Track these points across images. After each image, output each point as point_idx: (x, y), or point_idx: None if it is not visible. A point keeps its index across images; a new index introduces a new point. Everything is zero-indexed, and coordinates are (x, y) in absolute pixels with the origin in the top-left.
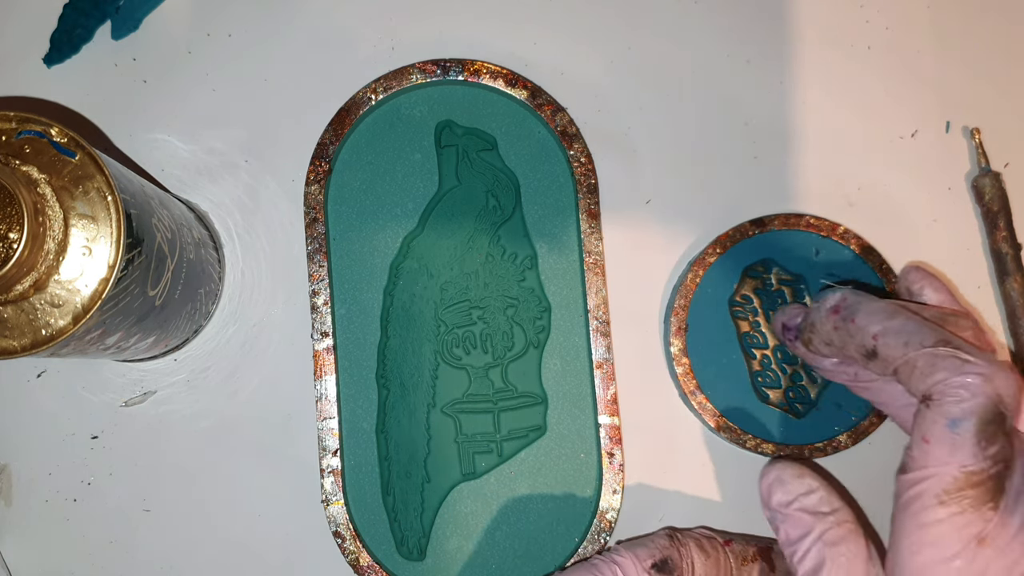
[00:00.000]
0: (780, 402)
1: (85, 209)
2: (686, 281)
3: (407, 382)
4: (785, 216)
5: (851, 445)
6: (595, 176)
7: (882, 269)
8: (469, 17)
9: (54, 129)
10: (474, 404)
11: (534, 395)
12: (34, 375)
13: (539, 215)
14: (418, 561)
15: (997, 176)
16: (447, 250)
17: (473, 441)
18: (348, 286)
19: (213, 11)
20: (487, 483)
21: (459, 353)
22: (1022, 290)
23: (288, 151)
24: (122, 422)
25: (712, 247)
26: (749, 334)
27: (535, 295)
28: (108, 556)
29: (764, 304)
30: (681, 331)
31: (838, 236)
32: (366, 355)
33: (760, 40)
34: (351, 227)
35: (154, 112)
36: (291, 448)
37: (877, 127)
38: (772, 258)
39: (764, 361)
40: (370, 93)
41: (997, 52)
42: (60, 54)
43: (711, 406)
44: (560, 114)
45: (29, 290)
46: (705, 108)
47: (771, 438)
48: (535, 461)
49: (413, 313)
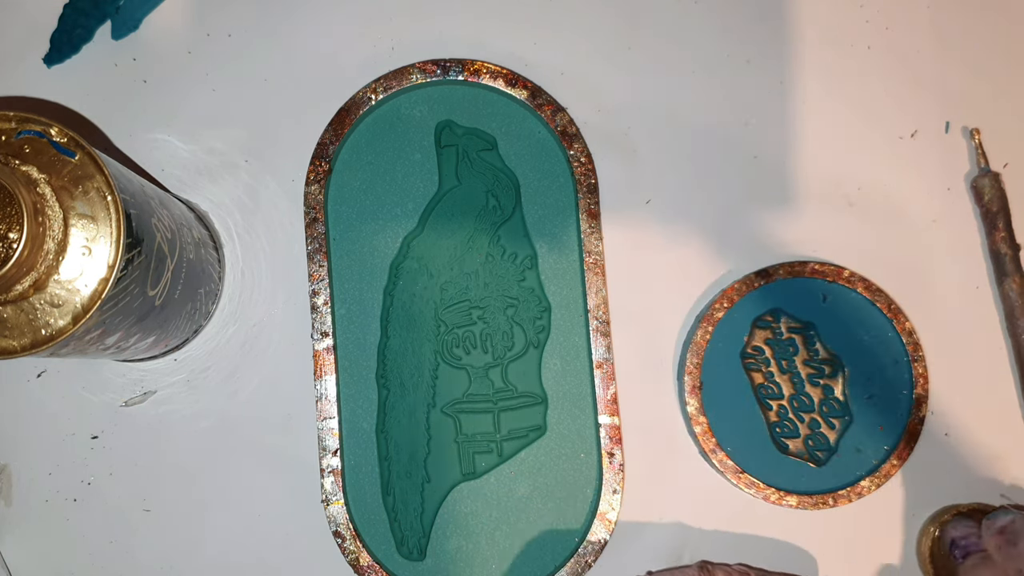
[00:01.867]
0: (800, 451)
1: (85, 209)
2: (696, 338)
3: (407, 382)
4: (789, 264)
5: (875, 489)
6: (595, 176)
7: (891, 309)
8: (469, 17)
9: (54, 129)
10: (474, 404)
11: (534, 395)
12: (34, 375)
13: (539, 215)
14: (418, 561)
15: (996, 176)
16: (447, 250)
17: (473, 441)
18: (348, 286)
19: (213, 11)
20: (487, 483)
21: (459, 353)
22: (1020, 290)
23: (288, 151)
24: (122, 422)
25: (719, 301)
26: (764, 385)
27: (535, 295)
28: (108, 556)
29: (776, 354)
30: (696, 390)
31: (844, 280)
32: (366, 355)
33: (760, 40)
34: (351, 227)
35: (154, 112)
36: (291, 448)
37: (877, 127)
38: (780, 307)
39: (780, 411)
40: (370, 93)
41: (997, 52)
42: (60, 54)
43: (732, 463)
44: (560, 114)
45: (29, 290)
46: (705, 108)
47: (794, 489)
48: (535, 461)
49: (413, 313)
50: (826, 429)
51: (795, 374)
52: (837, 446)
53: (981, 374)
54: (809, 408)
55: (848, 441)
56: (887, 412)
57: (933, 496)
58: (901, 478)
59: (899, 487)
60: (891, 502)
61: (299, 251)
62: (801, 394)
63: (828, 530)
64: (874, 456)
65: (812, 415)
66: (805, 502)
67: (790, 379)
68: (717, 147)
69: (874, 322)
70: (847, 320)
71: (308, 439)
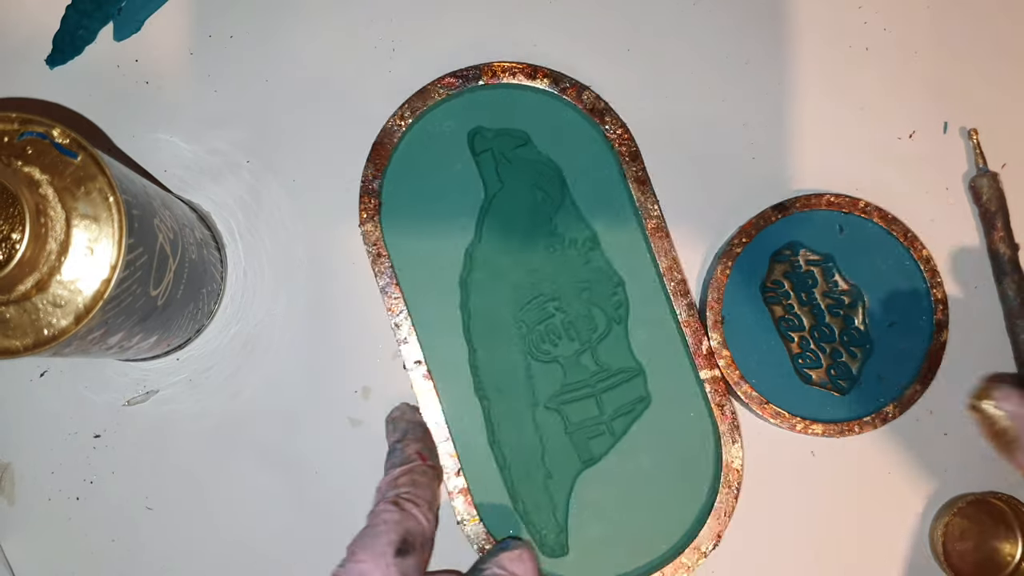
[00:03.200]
0: (823, 381)
1: (87, 210)
2: (716, 274)
3: (504, 388)
4: (806, 197)
5: (899, 415)
6: (635, 143)
7: (907, 238)
8: (469, 15)
9: (56, 130)
10: (574, 393)
11: (630, 369)
12: (37, 374)
13: (589, 195)
14: (564, 557)
15: (995, 176)
16: (509, 252)
17: (583, 428)
18: (425, 311)
19: (215, 13)
20: (608, 465)
21: (547, 348)
22: (1019, 290)
23: (288, 150)
24: (124, 421)
25: (737, 237)
26: (784, 318)
27: (605, 273)
28: (110, 555)
29: (796, 287)
30: (718, 324)
31: (860, 211)
32: (459, 372)
33: (760, 40)
34: (413, 254)
35: (156, 113)
36: (292, 448)
37: (875, 128)
38: (798, 240)
39: (803, 343)
40: (398, 120)
41: (995, 53)
42: (63, 55)
43: (757, 394)
44: (585, 92)
45: (31, 290)
46: (704, 109)
47: (819, 418)
48: (648, 431)
49: (492, 321)
50: (848, 359)
51: (815, 306)
52: (860, 375)
53: (980, 374)
54: (830, 339)
55: (870, 369)
56: (908, 339)
57: (933, 496)
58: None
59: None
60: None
61: (301, 251)
62: (822, 325)
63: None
64: (897, 383)
65: (834, 345)
66: (831, 430)
67: (810, 311)
68: (716, 148)
69: (891, 251)
70: (864, 250)
71: (308, 439)
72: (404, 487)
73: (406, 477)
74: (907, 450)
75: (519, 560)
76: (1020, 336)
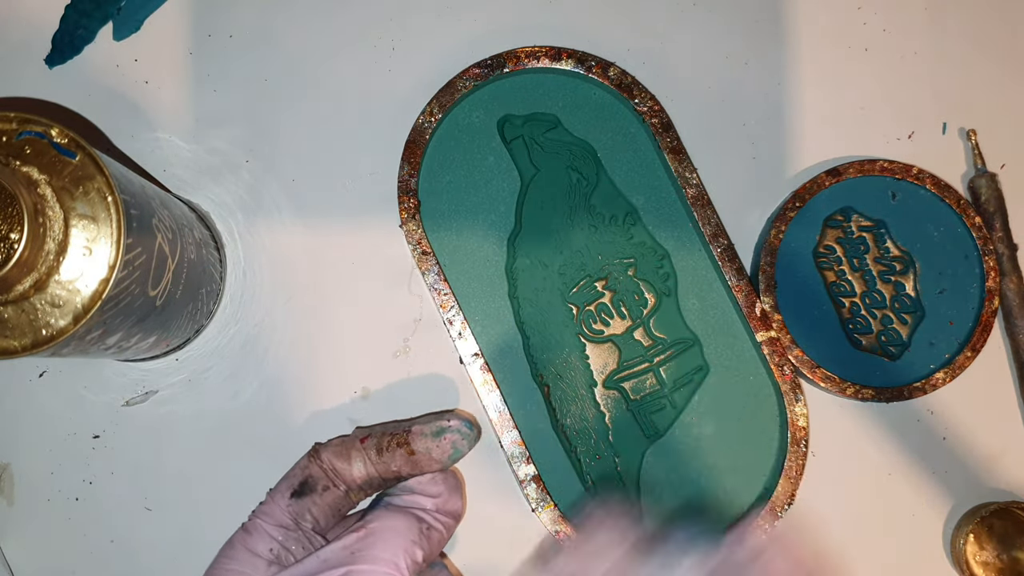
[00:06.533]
0: (873, 347)
1: (85, 210)
2: (769, 238)
3: (562, 372)
4: (860, 163)
5: (948, 382)
6: (666, 113)
7: (960, 205)
8: (469, 14)
9: (54, 130)
10: (632, 369)
11: (685, 339)
12: (35, 375)
13: (625, 171)
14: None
15: (993, 177)
16: (551, 236)
17: (645, 403)
18: (475, 303)
19: (214, 12)
20: (674, 437)
21: (599, 328)
22: (1018, 290)
23: (288, 150)
24: (123, 422)
25: (791, 202)
26: (836, 283)
27: (649, 247)
28: (109, 555)
29: (847, 252)
30: (770, 288)
31: (912, 177)
32: (516, 361)
33: (759, 41)
34: (457, 248)
35: (156, 113)
36: (292, 448)
37: (875, 128)
38: (851, 206)
39: (853, 308)
40: (428, 117)
41: (994, 54)
42: (62, 55)
43: (808, 359)
44: (611, 68)
45: (30, 290)
46: (704, 109)
47: (869, 383)
48: (710, 400)
49: (542, 306)
50: (899, 325)
51: (867, 271)
52: (910, 341)
53: (980, 373)
54: (881, 304)
55: (921, 336)
56: (959, 306)
57: (933, 497)
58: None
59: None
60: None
61: (300, 251)
62: (873, 291)
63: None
64: (947, 350)
65: (884, 311)
66: (882, 395)
67: (862, 276)
68: (715, 148)
69: (943, 218)
70: (917, 217)
71: (308, 439)
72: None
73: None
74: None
75: (432, 483)
76: (1019, 336)
